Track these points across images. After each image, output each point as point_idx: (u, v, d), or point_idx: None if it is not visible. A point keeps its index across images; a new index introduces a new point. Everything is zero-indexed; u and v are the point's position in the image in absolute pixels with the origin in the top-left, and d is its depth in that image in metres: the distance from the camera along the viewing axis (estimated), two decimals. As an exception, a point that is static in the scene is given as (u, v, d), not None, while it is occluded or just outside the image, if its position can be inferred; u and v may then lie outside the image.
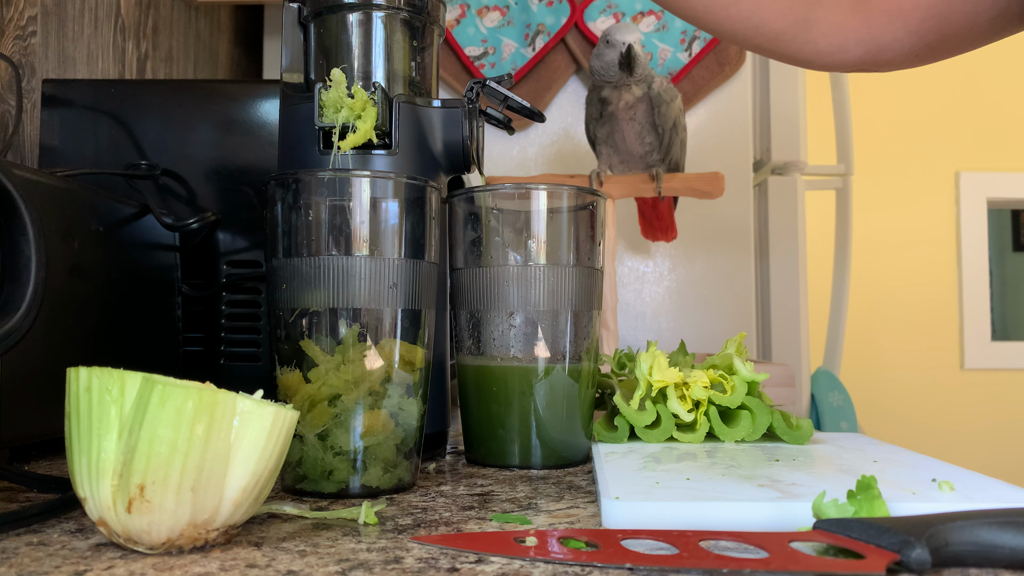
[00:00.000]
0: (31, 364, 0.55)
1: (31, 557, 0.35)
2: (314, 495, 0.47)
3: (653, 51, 1.41)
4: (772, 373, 0.97)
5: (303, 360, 0.47)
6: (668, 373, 0.60)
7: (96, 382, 0.35)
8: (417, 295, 0.49)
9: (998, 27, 0.65)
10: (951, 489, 0.41)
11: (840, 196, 1.73)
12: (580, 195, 0.59)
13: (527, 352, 0.57)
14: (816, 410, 1.56)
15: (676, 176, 1.05)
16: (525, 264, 0.57)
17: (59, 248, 0.59)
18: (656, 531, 0.36)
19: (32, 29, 0.91)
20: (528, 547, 0.35)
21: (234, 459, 0.35)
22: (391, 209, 0.48)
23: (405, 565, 0.33)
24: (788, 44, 0.69)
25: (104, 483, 0.34)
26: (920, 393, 2.70)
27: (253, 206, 0.79)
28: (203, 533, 0.35)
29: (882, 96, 2.75)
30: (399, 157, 0.59)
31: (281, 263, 0.48)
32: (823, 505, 0.37)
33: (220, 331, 0.78)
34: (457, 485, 0.51)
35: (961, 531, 0.32)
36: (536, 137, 1.44)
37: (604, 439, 0.60)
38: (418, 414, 0.49)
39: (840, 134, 1.71)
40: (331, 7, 0.61)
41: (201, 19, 1.35)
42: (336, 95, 0.56)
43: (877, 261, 2.72)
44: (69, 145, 0.80)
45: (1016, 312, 2.85)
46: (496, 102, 0.64)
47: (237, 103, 0.80)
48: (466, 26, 1.42)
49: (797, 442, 0.59)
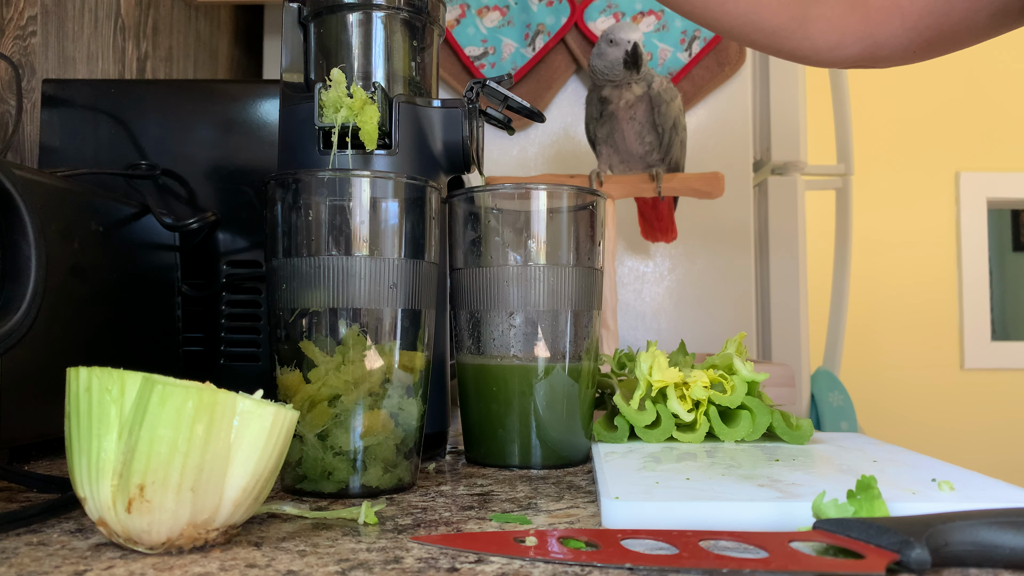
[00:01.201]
0: (31, 364, 0.55)
1: (31, 557, 0.35)
2: (314, 495, 0.47)
3: (653, 51, 1.41)
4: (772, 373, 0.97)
5: (303, 360, 0.47)
6: (668, 373, 0.60)
7: (96, 382, 0.35)
8: (417, 295, 0.49)
9: (997, 23, 0.65)
10: (951, 489, 0.41)
11: (840, 196, 1.73)
12: (580, 195, 0.59)
13: (527, 352, 0.57)
14: (816, 410, 1.56)
15: (676, 176, 1.05)
16: (525, 264, 0.57)
17: (59, 248, 0.59)
18: (656, 531, 0.36)
19: (32, 29, 0.91)
20: (528, 547, 0.35)
21: (234, 459, 0.35)
22: (391, 209, 0.48)
23: (405, 565, 0.33)
24: (786, 40, 0.70)
25: (104, 483, 0.34)
26: (920, 393, 2.70)
27: (253, 206, 0.79)
28: (203, 533, 0.35)
29: (882, 96, 2.75)
30: (399, 157, 0.59)
31: (281, 263, 0.48)
32: (823, 505, 0.37)
33: (220, 331, 0.78)
34: (457, 485, 0.51)
35: (961, 531, 0.32)
36: (536, 137, 1.44)
37: (604, 439, 0.60)
38: (418, 414, 0.49)
39: (840, 134, 1.71)
40: (331, 7, 0.61)
41: (201, 19, 1.35)
42: (336, 95, 0.56)
43: (877, 261, 2.72)
44: (69, 145, 0.80)
45: (1016, 312, 2.85)
46: (496, 102, 0.64)
47: (237, 103, 0.80)
48: (466, 26, 1.42)
49: (797, 442, 0.59)
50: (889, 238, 2.74)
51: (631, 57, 1.04)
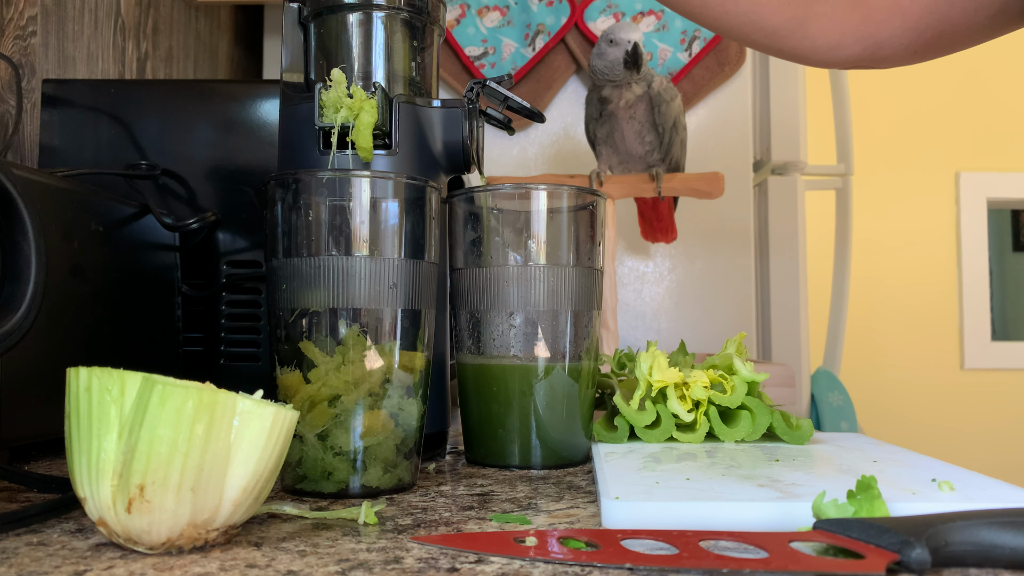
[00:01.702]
0: (31, 364, 0.55)
1: (31, 557, 0.35)
2: (314, 495, 0.47)
3: (653, 51, 1.41)
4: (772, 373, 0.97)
5: (303, 360, 0.47)
6: (668, 373, 0.60)
7: (96, 382, 0.35)
8: (417, 295, 0.49)
9: (997, 24, 0.65)
10: (951, 489, 0.41)
11: (840, 196, 1.73)
12: (580, 195, 0.59)
13: (527, 352, 0.57)
14: (816, 410, 1.56)
15: (676, 176, 1.05)
16: (525, 264, 0.57)
17: (59, 248, 0.59)
18: (656, 531, 0.36)
19: (32, 29, 0.91)
20: (528, 547, 0.35)
21: (234, 459, 0.35)
22: (391, 209, 0.48)
23: (405, 565, 0.33)
24: (786, 40, 0.70)
25: (104, 483, 0.34)
26: (920, 393, 2.70)
27: (253, 206, 0.79)
28: (203, 533, 0.35)
29: (882, 96, 2.75)
30: (399, 157, 0.59)
31: (281, 263, 0.48)
32: (823, 505, 0.37)
33: (220, 331, 0.78)
34: (457, 485, 0.51)
35: (961, 531, 0.32)
36: (536, 137, 1.44)
37: (604, 439, 0.60)
38: (418, 414, 0.49)
39: (840, 134, 1.71)
40: (331, 7, 0.61)
41: (201, 19, 1.35)
42: (336, 95, 0.56)
43: (877, 261, 2.72)
44: (69, 145, 0.80)
45: (1016, 312, 2.85)
46: (496, 102, 0.64)
47: (237, 103, 0.80)
48: (466, 26, 1.42)
49: (797, 442, 0.59)
50: (889, 238, 2.74)
51: (631, 57, 1.04)
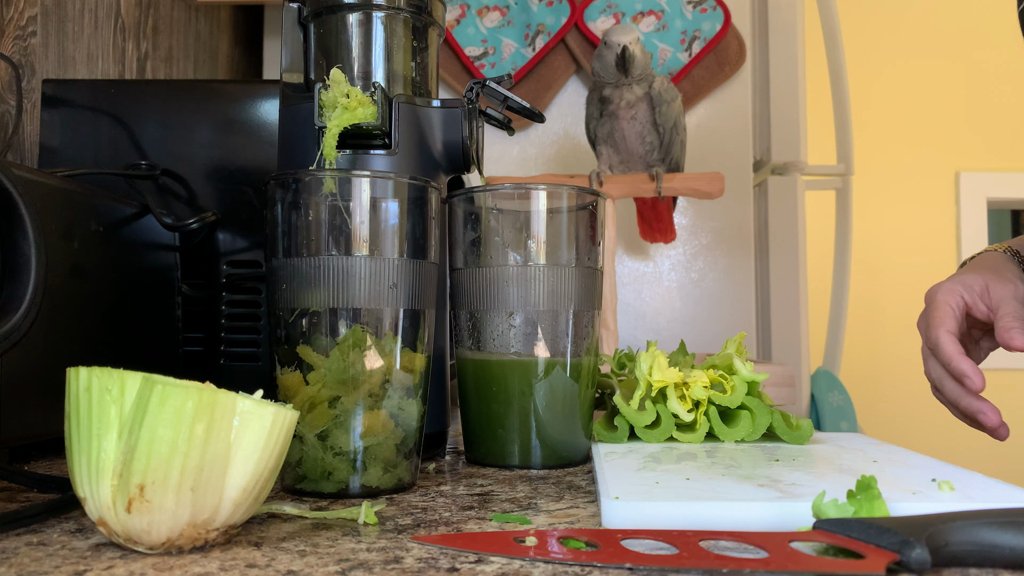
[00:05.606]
0: (31, 364, 0.55)
1: (31, 557, 0.35)
2: (314, 495, 0.47)
3: (653, 51, 1.41)
4: (772, 373, 0.97)
5: (303, 361, 0.47)
6: (668, 373, 0.60)
7: (96, 382, 0.35)
8: (417, 295, 0.49)
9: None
10: (951, 489, 0.41)
11: (840, 196, 1.73)
12: (580, 195, 0.59)
13: (527, 352, 0.57)
14: (816, 410, 1.56)
15: (676, 176, 1.05)
16: (525, 264, 0.57)
17: (59, 248, 0.59)
18: (656, 531, 0.36)
19: (32, 29, 0.91)
20: (528, 547, 0.35)
21: (234, 459, 0.35)
22: (391, 209, 0.48)
23: (405, 565, 0.33)
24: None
25: (104, 483, 0.34)
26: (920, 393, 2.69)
27: (253, 206, 0.79)
28: (203, 533, 0.35)
29: (882, 96, 2.74)
30: (399, 157, 0.59)
31: (281, 263, 0.48)
32: (823, 505, 0.37)
33: (220, 331, 0.78)
34: (457, 485, 0.51)
35: (961, 531, 0.32)
36: (536, 137, 1.44)
37: (604, 439, 0.60)
38: (418, 414, 0.49)
39: (840, 134, 1.71)
40: (331, 7, 0.61)
41: (201, 19, 1.35)
42: (336, 95, 0.56)
43: (877, 261, 2.71)
44: (69, 145, 0.80)
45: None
46: (496, 102, 0.64)
47: (237, 103, 0.80)
48: (466, 26, 1.42)
49: (797, 442, 0.59)
50: (889, 238, 2.74)
51: (620, 60, 1.05)
